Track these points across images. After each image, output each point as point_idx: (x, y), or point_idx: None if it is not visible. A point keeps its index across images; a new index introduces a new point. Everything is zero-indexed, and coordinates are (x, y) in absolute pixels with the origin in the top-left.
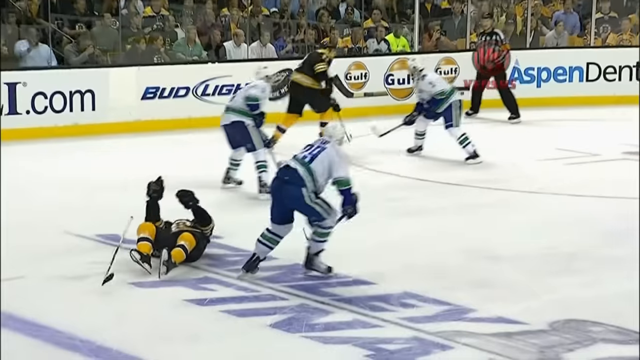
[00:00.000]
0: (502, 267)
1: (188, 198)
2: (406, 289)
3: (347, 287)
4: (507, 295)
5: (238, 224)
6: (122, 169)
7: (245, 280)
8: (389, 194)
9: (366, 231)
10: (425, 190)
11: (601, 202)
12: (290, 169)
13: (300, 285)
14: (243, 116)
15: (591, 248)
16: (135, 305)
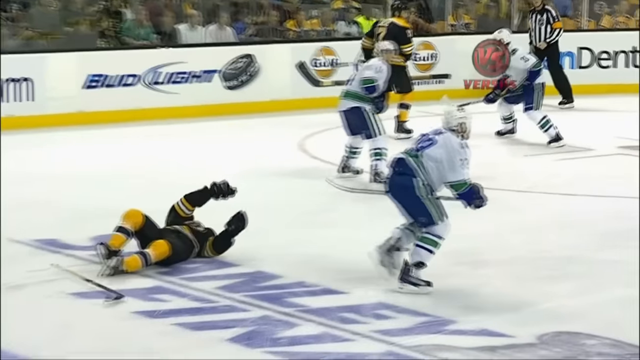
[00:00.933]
0: (486, 273)
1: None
2: (380, 299)
3: (315, 297)
4: (492, 305)
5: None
6: (61, 165)
7: (201, 290)
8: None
9: (336, 235)
10: None
11: (596, 201)
12: (401, 160)
13: (262, 295)
14: (360, 101)
15: (585, 252)
16: (78, 318)
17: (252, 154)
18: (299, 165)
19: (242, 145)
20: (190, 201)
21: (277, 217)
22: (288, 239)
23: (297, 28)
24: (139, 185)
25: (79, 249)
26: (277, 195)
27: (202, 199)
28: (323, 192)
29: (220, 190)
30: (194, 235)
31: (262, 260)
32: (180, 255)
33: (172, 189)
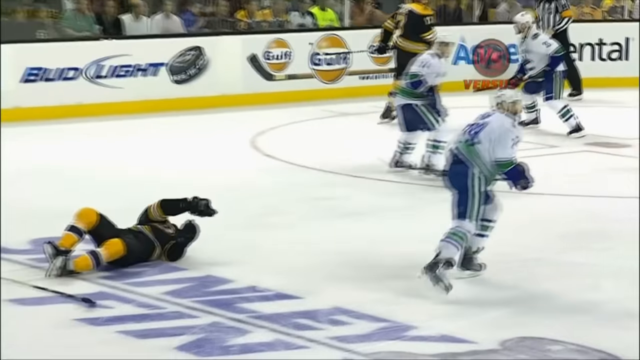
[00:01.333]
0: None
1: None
2: (336, 304)
3: (267, 302)
4: (453, 310)
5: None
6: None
7: (147, 295)
8: (314, 192)
9: (291, 236)
10: (360, 188)
11: (562, 201)
12: (456, 150)
13: (212, 300)
14: (410, 97)
15: (551, 254)
16: (15, 326)
17: (201, 152)
18: (251, 164)
19: (191, 143)
20: (164, 208)
21: (228, 218)
22: (239, 242)
23: (249, 19)
24: (79, 186)
25: (18, 252)
26: (227, 195)
27: (177, 210)
28: (275, 192)
29: (197, 207)
30: (156, 235)
31: (211, 264)
32: (138, 256)
33: (114, 188)
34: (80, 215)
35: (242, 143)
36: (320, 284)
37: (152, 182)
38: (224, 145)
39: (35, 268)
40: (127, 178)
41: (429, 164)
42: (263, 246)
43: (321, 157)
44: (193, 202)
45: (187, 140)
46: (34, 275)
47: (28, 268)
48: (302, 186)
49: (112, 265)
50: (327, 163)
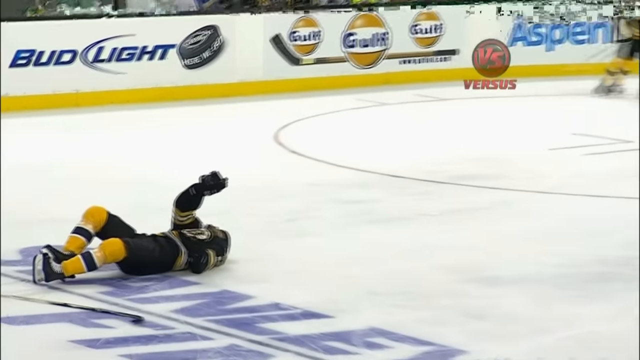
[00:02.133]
0: (498, 292)
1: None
2: (372, 324)
3: (293, 322)
4: (508, 331)
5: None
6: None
7: (154, 314)
8: (346, 194)
9: (320, 245)
10: (397, 190)
11: (632, 205)
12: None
13: (229, 320)
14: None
15: (619, 266)
16: (4, 349)
17: (216, 148)
18: (274, 162)
19: (204, 137)
20: (178, 205)
21: (247, 225)
22: (259, 252)
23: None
24: (76, 187)
25: (6, 264)
26: (246, 198)
27: (190, 200)
28: (302, 194)
29: (205, 186)
30: (183, 241)
31: (228, 277)
32: (156, 262)
33: (116, 190)
34: (88, 214)
35: (263, 137)
36: (353, 301)
37: (159, 183)
38: (243, 140)
39: (26, 282)
40: (131, 178)
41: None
42: (287, 257)
43: (354, 153)
44: (200, 183)
45: (200, 134)
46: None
47: (18, 282)
48: (332, 187)
49: (127, 274)
50: (361, 161)
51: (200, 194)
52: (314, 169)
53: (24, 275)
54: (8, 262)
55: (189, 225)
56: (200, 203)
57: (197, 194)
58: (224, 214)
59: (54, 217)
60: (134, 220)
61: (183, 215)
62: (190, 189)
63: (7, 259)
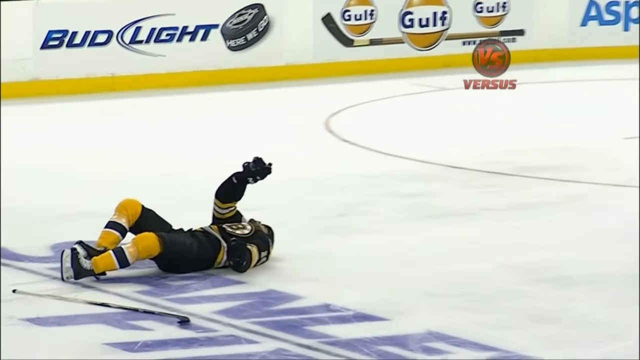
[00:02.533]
0: (569, 294)
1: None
2: (431, 327)
3: (344, 324)
4: (579, 336)
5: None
6: (7, 151)
7: (195, 315)
8: (402, 187)
9: (374, 242)
10: (459, 182)
11: None
12: None
13: (276, 322)
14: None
15: None
16: (32, 352)
17: (262, 136)
18: (325, 152)
19: (249, 124)
20: (218, 196)
21: (295, 220)
22: (309, 249)
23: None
24: (109, 179)
25: (36, 260)
26: (295, 191)
27: (230, 189)
28: (354, 187)
29: (248, 173)
30: (223, 236)
31: (274, 276)
32: (195, 258)
33: (153, 183)
34: (121, 207)
35: (313, 125)
36: (411, 302)
37: (199, 174)
38: (291, 129)
39: (58, 280)
40: (169, 168)
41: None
42: (339, 254)
43: (412, 143)
44: (243, 171)
45: (245, 121)
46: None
47: (49, 280)
48: (387, 179)
49: (165, 271)
50: (420, 151)
51: (242, 183)
52: (368, 160)
53: (55, 272)
54: (39, 259)
55: (230, 219)
56: (242, 193)
57: (240, 182)
58: (269, 209)
59: (88, 210)
60: (170, 215)
61: (224, 207)
62: (232, 178)
63: (38, 255)
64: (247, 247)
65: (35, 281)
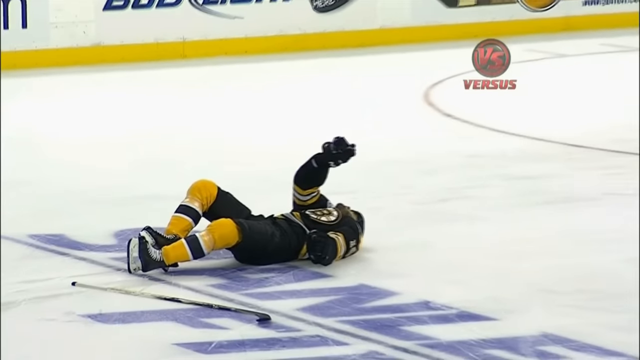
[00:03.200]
0: None
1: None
2: (546, 329)
3: (446, 324)
4: None
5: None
6: (66, 125)
7: (276, 312)
8: (514, 169)
9: (480, 231)
10: (579, 163)
11: None
12: None
13: (367, 321)
14: None
15: None
16: (93, 353)
17: (352, 109)
18: (423, 127)
19: (337, 96)
20: (298, 181)
21: (390, 205)
22: (406, 238)
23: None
24: (181, 157)
25: (98, 249)
26: (389, 172)
27: (310, 173)
28: (458, 167)
29: (329, 155)
30: (307, 224)
31: (365, 269)
32: (276, 249)
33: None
34: (194, 189)
35: (411, 97)
36: (521, 300)
37: (282, 154)
38: (385, 100)
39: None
40: (246, 146)
41: None
42: (439, 245)
43: (525, 118)
44: (323, 152)
45: (332, 92)
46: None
47: (113, 271)
48: (496, 159)
49: (243, 263)
50: (534, 127)
51: (323, 166)
52: (474, 137)
53: (119, 263)
54: (101, 248)
55: (313, 205)
56: (325, 178)
57: (320, 166)
58: (359, 192)
59: (156, 193)
60: (249, 200)
61: (305, 194)
62: (312, 161)
63: (100, 243)
64: (330, 237)
65: (97, 273)
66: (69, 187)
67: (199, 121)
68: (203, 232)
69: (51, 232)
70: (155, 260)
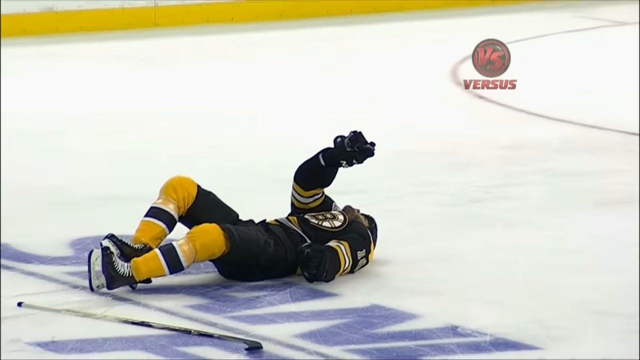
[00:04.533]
0: None
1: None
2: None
3: (479, 354)
4: None
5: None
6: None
7: (270, 339)
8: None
9: (516, 240)
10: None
11: None
12: None
13: (382, 350)
14: None
15: None
16: None
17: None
18: (451, 110)
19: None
20: (299, 180)
21: (409, 207)
22: (428, 248)
23: None
24: (152, 148)
25: (50, 261)
26: (408, 166)
27: (315, 172)
28: (491, 160)
29: (341, 152)
30: (304, 230)
31: (379, 286)
32: (258, 259)
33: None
34: (169, 187)
35: (437, 74)
36: (572, 324)
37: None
38: (404, 78)
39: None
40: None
41: None
42: (470, 256)
43: (576, 100)
44: (334, 148)
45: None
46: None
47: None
48: (540, 151)
49: (229, 279)
50: (587, 111)
51: (333, 165)
52: (514, 124)
53: (78, 279)
54: (54, 260)
55: (315, 209)
56: (332, 178)
57: (329, 164)
58: (372, 192)
59: (121, 193)
60: (236, 200)
61: (306, 196)
62: (319, 157)
63: (53, 255)
64: (328, 248)
65: (49, 291)
66: (14, 186)
67: (173, 105)
68: (182, 241)
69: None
70: (123, 275)
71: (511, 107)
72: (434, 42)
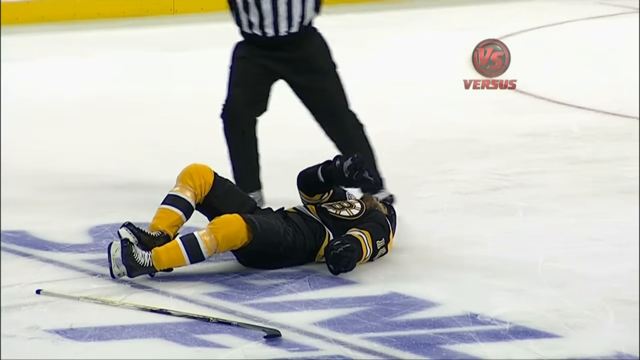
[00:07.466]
0: None
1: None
2: (621, 349)
3: (498, 342)
4: None
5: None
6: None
7: (289, 327)
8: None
9: (537, 228)
10: None
11: None
12: None
13: (401, 338)
14: None
15: None
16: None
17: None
18: (468, 97)
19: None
20: (303, 186)
21: (429, 195)
22: (447, 236)
23: None
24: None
25: (69, 249)
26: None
27: (316, 184)
28: (515, 147)
29: (340, 177)
30: (323, 220)
31: (398, 274)
32: (278, 247)
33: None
34: (186, 175)
35: (456, 60)
36: (592, 313)
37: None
38: (424, 65)
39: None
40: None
41: None
42: (490, 244)
43: (599, 86)
44: (332, 169)
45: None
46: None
47: (87, 277)
48: (562, 139)
49: (248, 267)
50: (610, 98)
51: (332, 183)
52: (534, 111)
53: (96, 266)
54: (73, 248)
55: (329, 199)
56: (335, 187)
57: (328, 182)
58: (390, 180)
59: (139, 180)
60: None
61: (313, 198)
62: (318, 172)
63: (71, 242)
64: (356, 249)
65: (68, 278)
66: (32, 173)
67: (191, 92)
68: (203, 231)
69: (10, 228)
70: (143, 265)
71: (532, 94)
72: (455, 29)
